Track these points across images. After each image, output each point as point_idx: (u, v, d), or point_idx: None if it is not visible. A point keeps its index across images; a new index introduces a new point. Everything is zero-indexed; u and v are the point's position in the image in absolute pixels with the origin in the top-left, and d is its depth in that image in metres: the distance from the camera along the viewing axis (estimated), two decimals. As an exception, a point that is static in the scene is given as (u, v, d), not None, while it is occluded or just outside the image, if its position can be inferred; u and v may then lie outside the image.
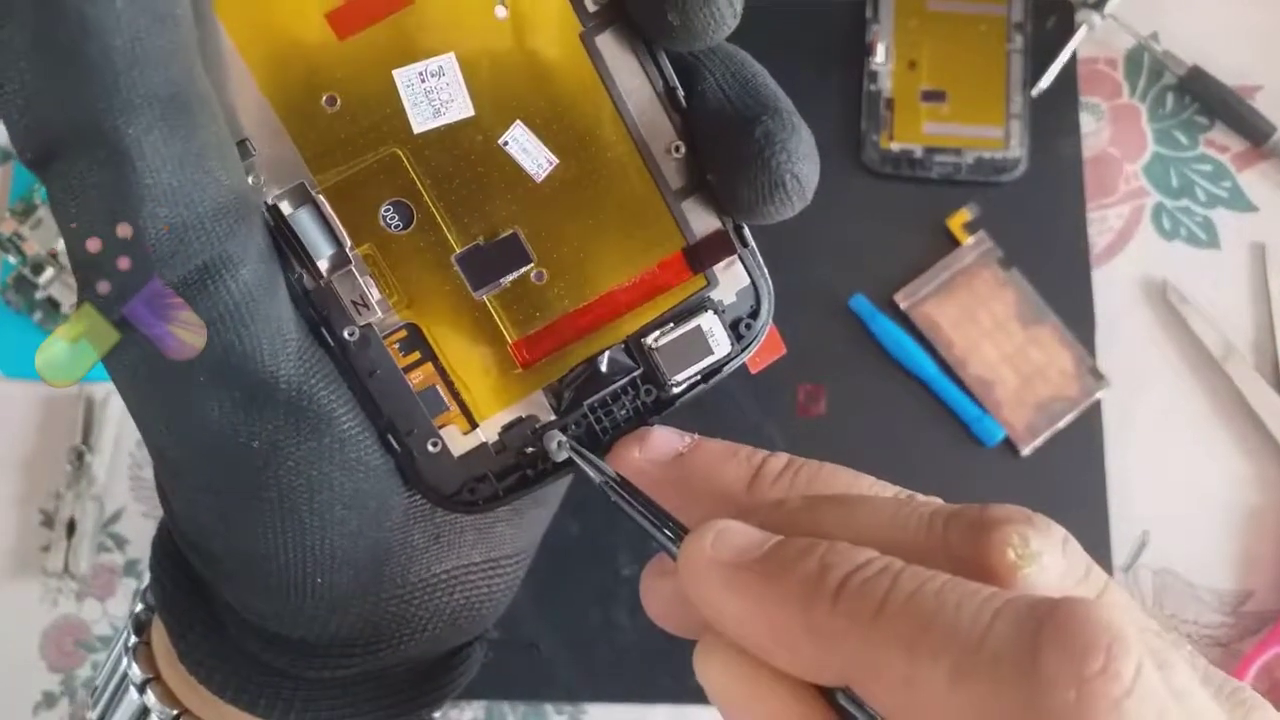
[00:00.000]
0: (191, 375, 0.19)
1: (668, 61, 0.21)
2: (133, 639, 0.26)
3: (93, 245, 0.18)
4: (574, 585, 0.57)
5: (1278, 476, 0.57)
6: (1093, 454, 0.57)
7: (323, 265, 0.21)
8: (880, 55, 0.61)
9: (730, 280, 0.22)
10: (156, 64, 0.17)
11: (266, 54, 0.20)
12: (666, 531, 0.20)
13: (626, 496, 0.21)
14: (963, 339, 0.58)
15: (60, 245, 0.59)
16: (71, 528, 0.57)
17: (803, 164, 0.21)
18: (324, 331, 0.21)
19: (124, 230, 0.18)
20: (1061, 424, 0.57)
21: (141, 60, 0.17)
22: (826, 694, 0.16)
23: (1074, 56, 0.62)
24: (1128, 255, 0.60)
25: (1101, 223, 0.61)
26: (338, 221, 0.21)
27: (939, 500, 0.19)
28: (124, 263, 0.18)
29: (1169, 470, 0.58)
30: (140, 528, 0.59)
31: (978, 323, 0.59)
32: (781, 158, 0.20)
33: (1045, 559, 0.16)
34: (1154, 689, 0.14)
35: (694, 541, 0.18)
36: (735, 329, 0.22)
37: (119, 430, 0.59)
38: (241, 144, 0.20)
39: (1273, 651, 0.54)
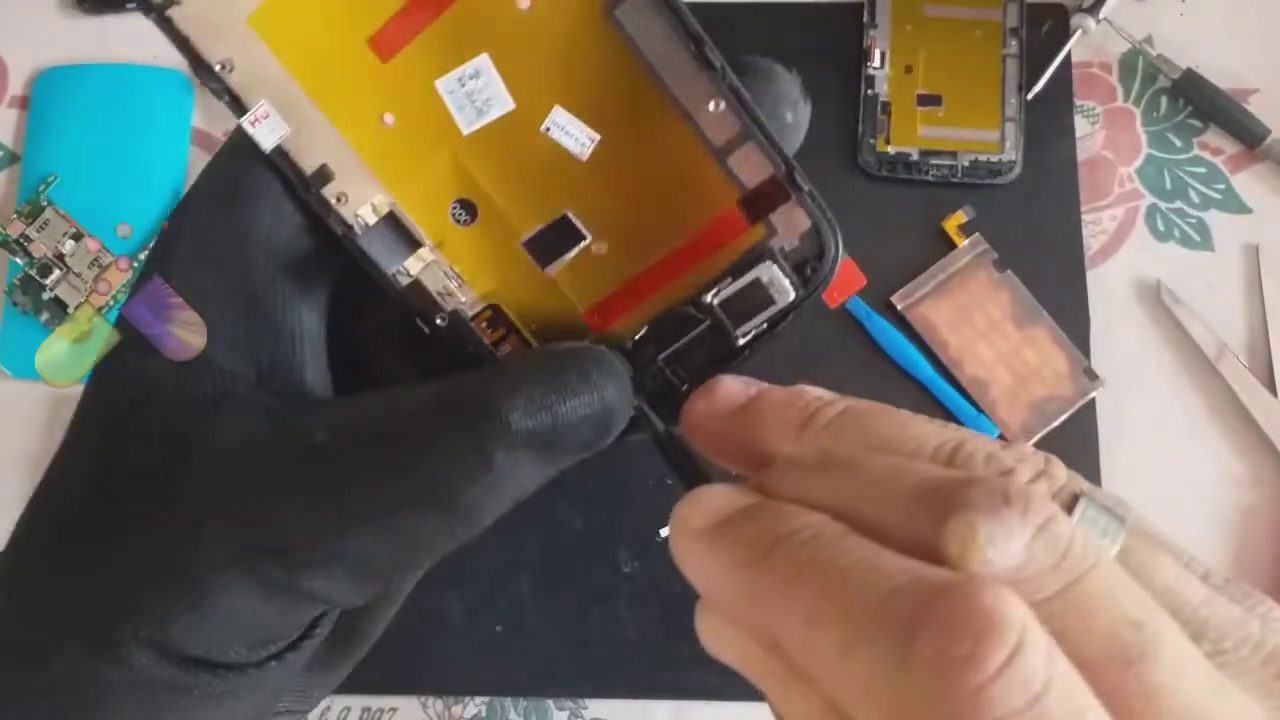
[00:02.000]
0: None
1: (693, 19, 0.21)
2: None
3: None
4: (576, 581, 0.57)
5: (1271, 476, 0.58)
6: (1087, 454, 0.58)
7: (409, 264, 0.23)
8: (877, 60, 0.62)
9: (791, 225, 0.22)
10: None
11: (329, 89, 0.22)
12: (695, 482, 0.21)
13: (672, 453, 0.21)
14: (958, 340, 0.59)
15: (66, 247, 0.59)
16: (78, 526, 0.57)
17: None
18: (419, 321, 0.23)
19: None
20: (1056, 424, 0.58)
21: None
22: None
23: (1068, 60, 0.62)
24: (1122, 257, 0.61)
25: (1096, 225, 0.61)
26: (415, 224, 0.23)
27: (984, 440, 0.19)
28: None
29: (1163, 470, 0.58)
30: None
31: (973, 324, 0.59)
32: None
33: (990, 553, 0.15)
34: (1026, 680, 0.14)
35: (677, 507, 0.18)
36: (799, 271, 0.22)
37: (124, 430, 0.59)
38: (321, 170, 0.22)
39: (1265, 648, 0.55)
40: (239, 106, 0.22)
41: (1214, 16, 0.63)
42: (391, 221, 0.22)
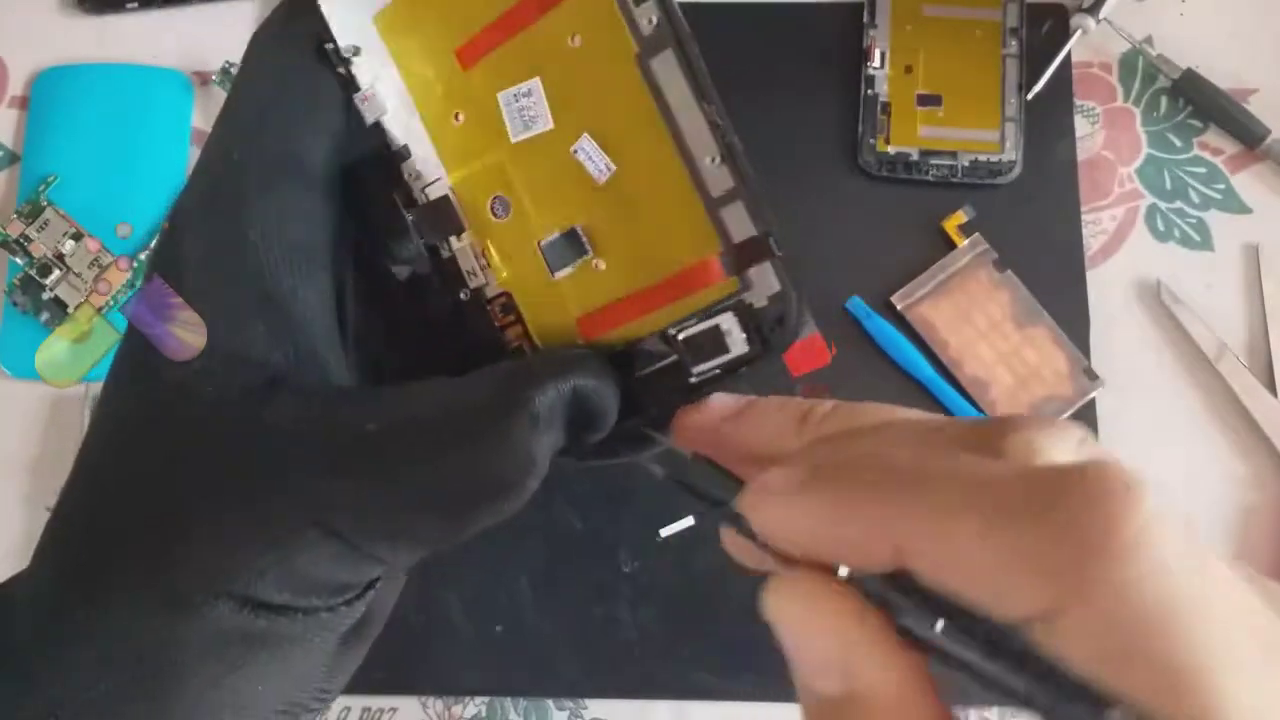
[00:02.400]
0: None
1: (710, 81, 0.23)
2: None
3: None
4: (576, 580, 0.57)
5: (1272, 476, 0.58)
6: (1087, 453, 0.58)
7: (452, 241, 0.26)
8: (877, 60, 0.62)
9: (764, 285, 0.24)
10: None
11: (421, 83, 0.26)
12: (720, 487, 0.22)
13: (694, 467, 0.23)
14: (958, 340, 0.59)
15: (66, 247, 0.59)
16: (78, 526, 0.57)
17: None
18: (448, 292, 0.26)
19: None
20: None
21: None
22: (875, 600, 0.18)
23: (1068, 60, 0.62)
24: (1122, 257, 0.61)
25: (1096, 225, 0.61)
26: (461, 209, 0.26)
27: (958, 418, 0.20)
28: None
29: (1163, 470, 0.58)
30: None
31: (973, 324, 0.59)
32: None
33: (1052, 454, 0.17)
34: (1177, 529, 0.15)
35: (752, 486, 0.19)
36: (759, 332, 0.24)
37: (124, 430, 0.59)
38: (404, 148, 0.26)
39: (1265, 648, 0.55)
40: (354, 85, 0.25)
41: (1214, 16, 0.63)
42: (446, 203, 0.26)
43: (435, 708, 0.57)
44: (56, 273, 0.59)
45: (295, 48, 0.25)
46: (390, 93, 0.26)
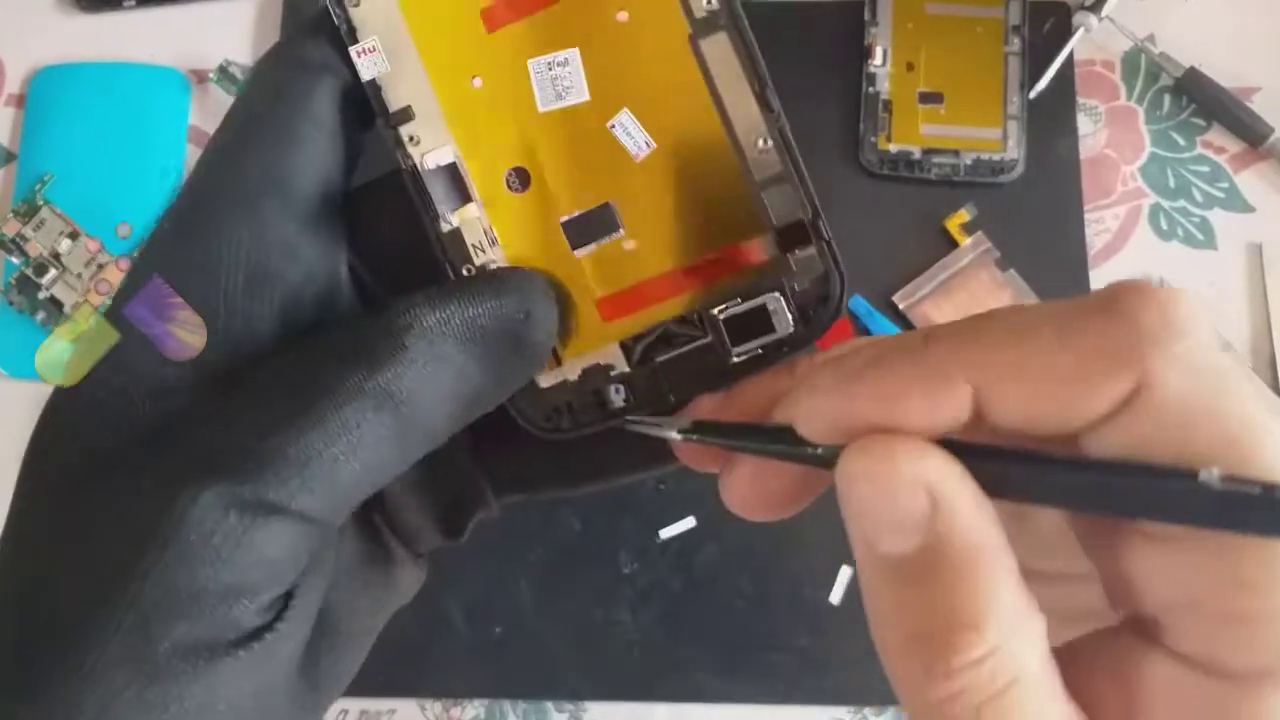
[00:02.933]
0: None
1: (764, 65, 0.24)
2: None
3: None
4: (576, 583, 0.57)
5: (1274, 476, 0.58)
6: (1090, 453, 0.58)
7: (455, 214, 0.25)
8: (878, 57, 0.61)
9: (805, 268, 0.24)
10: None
11: (433, 41, 0.24)
12: (767, 439, 0.21)
13: (705, 437, 0.23)
14: (961, 339, 0.59)
15: (63, 246, 0.59)
16: (74, 527, 0.57)
17: None
18: (447, 265, 0.25)
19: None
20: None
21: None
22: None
23: (1071, 59, 0.62)
24: (1125, 256, 0.61)
25: (1099, 223, 0.61)
26: (471, 180, 0.25)
27: None
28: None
29: (1166, 470, 0.58)
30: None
31: (976, 323, 0.59)
32: None
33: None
34: (1209, 339, 0.16)
35: (806, 382, 0.19)
36: (803, 313, 0.24)
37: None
38: (405, 110, 0.25)
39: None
40: (352, 36, 0.24)
41: (1217, 15, 0.63)
42: (452, 171, 0.25)
43: (434, 710, 0.56)
44: (53, 272, 0.59)
45: (294, 66, 0.24)
46: (392, 47, 0.25)
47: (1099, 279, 0.60)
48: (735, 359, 0.24)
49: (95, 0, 0.64)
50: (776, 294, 0.24)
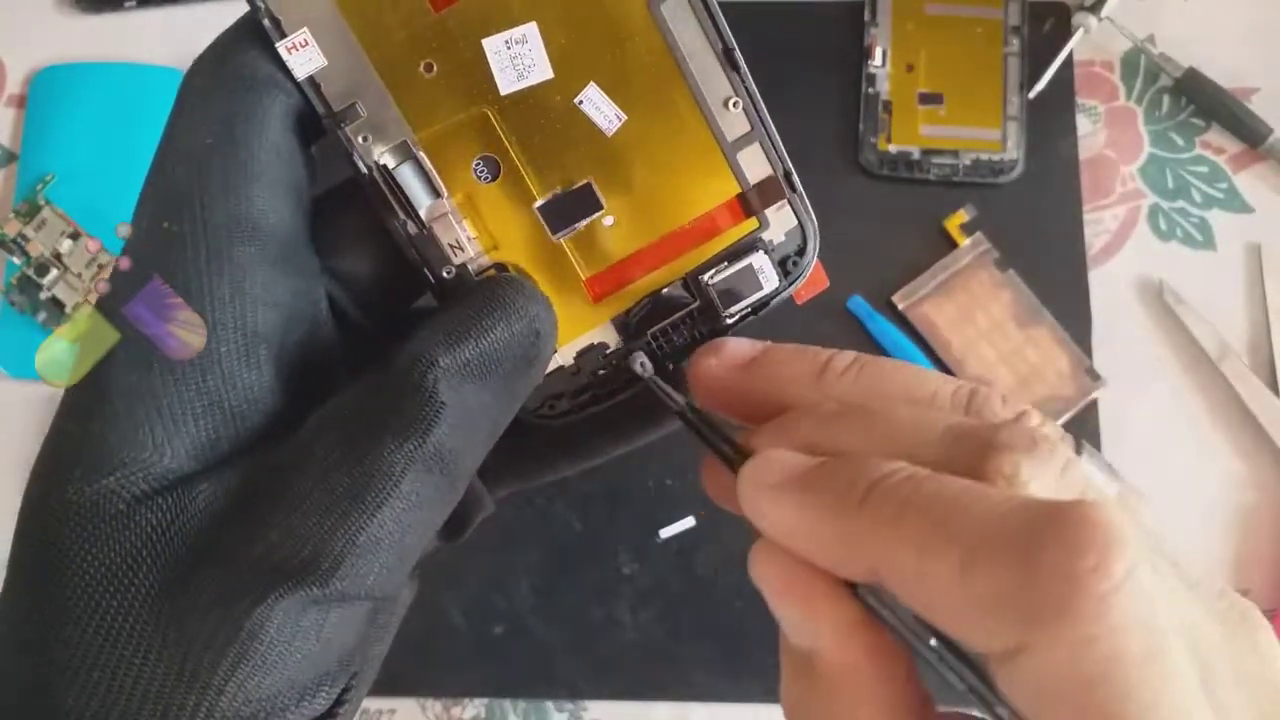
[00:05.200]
0: None
1: (725, 25, 0.24)
2: None
3: None
4: (576, 582, 0.57)
5: (1273, 475, 0.58)
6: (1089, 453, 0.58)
7: (424, 213, 0.23)
8: (878, 58, 0.61)
9: (779, 222, 0.25)
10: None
11: (373, 27, 0.23)
12: (726, 449, 0.22)
13: (694, 421, 0.23)
14: (960, 340, 0.59)
15: (64, 246, 0.59)
16: (75, 527, 0.57)
17: None
18: (425, 271, 0.24)
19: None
20: (1058, 424, 0.58)
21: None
22: (852, 588, 0.19)
23: (1070, 59, 0.62)
24: (1124, 256, 0.61)
25: (1098, 224, 0.61)
26: (436, 174, 0.23)
27: (990, 389, 0.21)
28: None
29: (1165, 470, 0.58)
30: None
31: (975, 323, 0.59)
32: None
33: (1033, 486, 0.18)
34: (1144, 590, 0.15)
35: (750, 466, 0.20)
36: (783, 265, 0.25)
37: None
38: (350, 107, 0.23)
39: (1268, 649, 0.55)
40: (278, 31, 0.22)
41: (1216, 15, 0.63)
42: (414, 168, 0.23)
43: (434, 709, 0.57)
44: (54, 272, 0.59)
45: (241, 83, 0.21)
46: (328, 38, 0.22)
47: (1098, 279, 0.60)
48: (727, 320, 0.25)
49: (96, 0, 0.64)
50: (760, 252, 0.25)
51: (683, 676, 0.56)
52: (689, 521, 0.57)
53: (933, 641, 0.17)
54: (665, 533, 0.57)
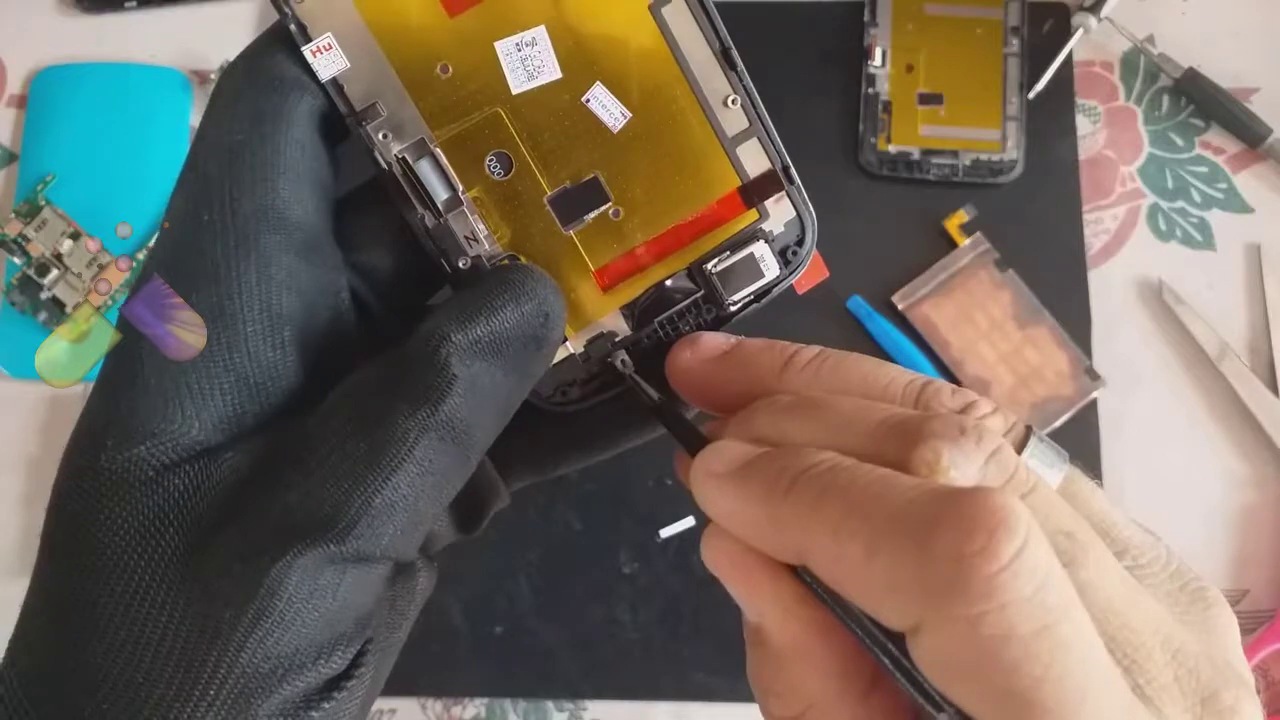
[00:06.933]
0: None
1: (723, 26, 0.25)
2: None
3: None
4: (576, 582, 0.57)
5: (1272, 475, 0.58)
6: (1088, 453, 0.58)
7: (441, 206, 0.25)
8: (878, 58, 0.61)
9: (779, 213, 0.26)
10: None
11: (392, 31, 0.24)
12: (695, 441, 0.23)
13: (666, 416, 0.24)
14: (960, 339, 0.59)
15: (64, 246, 0.59)
16: (76, 527, 0.57)
17: None
18: (442, 261, 0.25)
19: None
20: (1057, 424, 0.58)
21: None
22: (793, 570, 0.20)
23: (1070, 59, 0.62)
24: (1124, 256, 0.61)
25: (1097, 224, 0.61)
26: (452, 170, 0.25)
27: (947, 384, 0.22)
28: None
29: (1164, 470, 0.58)
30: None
31: (974, 323, 0.59)
32: None
33: (953, 474, 0.19)
34: (1035, 570, 0.16)
35: (700, 456, 0.21)
36: (784, 255, 0.26)
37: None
38: (371, 107, 0.24)
39: (1269, 650, 0.55)
40: (304, 35, 0.23)
41: (1216, 15, 0.63)
42: (431, 164, 0.25)
43: (435, 709, 0.57)
44: (54, 272, 0.59)
45: (270, 85, 0.23)
46: (350, 42, 0.24)
47: (1098, 279, 0.60)
48: (731, 307, 0.26)
49: (96, 1, 0.64)
50: (762, 242, 0.26)
51: (682, 676, 0.56)
52: (689, 521, 0.57)
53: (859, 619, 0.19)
54: (665, 533, 0.57)
